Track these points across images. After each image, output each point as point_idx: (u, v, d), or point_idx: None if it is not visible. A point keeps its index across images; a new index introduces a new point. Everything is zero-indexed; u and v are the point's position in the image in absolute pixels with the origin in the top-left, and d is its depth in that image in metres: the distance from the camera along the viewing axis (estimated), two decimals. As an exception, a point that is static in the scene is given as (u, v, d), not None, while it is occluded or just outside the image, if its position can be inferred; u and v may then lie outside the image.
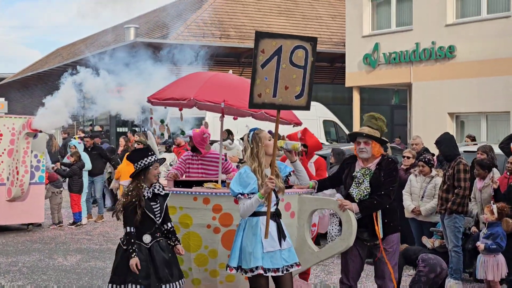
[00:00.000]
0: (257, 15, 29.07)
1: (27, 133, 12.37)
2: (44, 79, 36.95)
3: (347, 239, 6.15)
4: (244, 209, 5.73)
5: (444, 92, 19.00)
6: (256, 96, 5.80)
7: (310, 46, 5.94)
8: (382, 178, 6.27)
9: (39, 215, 13.16)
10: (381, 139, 6.41)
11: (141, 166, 6.21)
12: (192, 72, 8.48)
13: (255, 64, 5.75)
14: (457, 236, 8.85)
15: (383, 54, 20.95)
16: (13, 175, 12.55)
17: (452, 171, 8.86)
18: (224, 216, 6.48)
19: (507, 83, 17.36)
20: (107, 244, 11.95)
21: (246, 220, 5.81)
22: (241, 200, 5.76)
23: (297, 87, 5.96)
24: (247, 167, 5.85)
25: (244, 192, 5.73)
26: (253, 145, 5.92)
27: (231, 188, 5.80)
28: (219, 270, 6.57)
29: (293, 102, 6.00)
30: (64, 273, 9.60)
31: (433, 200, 9.48)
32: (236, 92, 7.43)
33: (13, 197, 12.60)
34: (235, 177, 5.85)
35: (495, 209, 8.18)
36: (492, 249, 8.09)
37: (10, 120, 12.87)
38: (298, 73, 5.91)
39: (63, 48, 45.37)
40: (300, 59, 5.90)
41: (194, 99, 7.37)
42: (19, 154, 12.44)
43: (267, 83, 5.81)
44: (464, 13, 19.02)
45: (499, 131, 17.98)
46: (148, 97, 7.98)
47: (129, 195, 6.18)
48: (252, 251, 5.69)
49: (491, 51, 17.70)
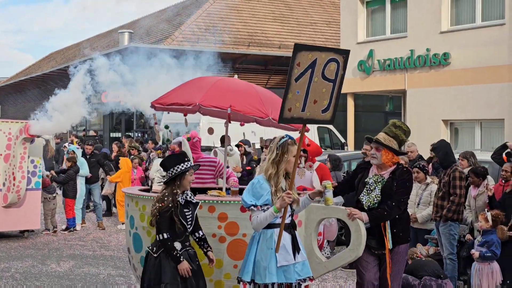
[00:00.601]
0: (251, 21, 29.08)
1: (24, 138, 12.16)
2: (38, 83, 36.86)
3: (356, 249, 5.97)
4: (258, 222, 5.50)
5: (438, 99, 19.02)
6: (287, 110, 5.61)
7: (342, 59, 5.78)
8: (394, 188, 6.11)
9: (35, 222, 12.88)
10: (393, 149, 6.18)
11: (177, 171, 6.06)
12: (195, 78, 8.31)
13: (289, 78, 5.56)
14: (452, 244, 8.84)
15: (377, 60, 20.96)
16: (9, 181, 12.32)
17: (448, 178, 8.86)
18: (230, 225, 6.35)
19: (501, 90, 17.38)
20: (101, 250, 11.88)
21: (260, 233, 5.59)
22: (254, 213, 5.52)
23: (325, 101, 5.81)
24: (261, 177, 5.63)
25: (257, 204, 5.50)
26: (279, 152, 5.63)
27: (243, 199, 5.58)
28: (224, 280, 6.44)
29: (319, 116, 5.83)
30: (57, 279, 9.53)
31: (429, 207, 9.47)
32: (243, 97, 7.28)
33: (9, 203, 12.35)
34: (248, 188, 5.62)
35: (490, 216, 8.18)
36: (487, 256, 8.08)
37: (6, 125, 12.60)
38: (328, 87, 5.76)
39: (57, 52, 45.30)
40: (331, 72, 5.74)
41: (200, 104, 7.18)
42: (15, 159, 12.21)
43: (298, 97, 5.64)
44: (459, 21, 19.05)
45: (493, 138, 17.99)
46: (152, 102, 7.82)
47: (165, 200, 6.01)
48: (267, 266, 5.48)
49: (486, 58, 17.72)
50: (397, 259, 6.23)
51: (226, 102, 7.18)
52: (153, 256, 6.04)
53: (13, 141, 12.36)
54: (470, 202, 9.29)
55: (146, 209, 6.81)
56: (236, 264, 6.37)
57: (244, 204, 5.58)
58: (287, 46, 27.30)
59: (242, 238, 6.40)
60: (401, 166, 6.26)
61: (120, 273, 9.91)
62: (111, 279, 9.53)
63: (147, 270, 6.09)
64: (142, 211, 6.89)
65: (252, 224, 5.55)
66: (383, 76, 20.94)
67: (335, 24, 28.79)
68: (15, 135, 12.30)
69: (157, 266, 5.99)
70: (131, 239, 7.14)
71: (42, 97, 37.93)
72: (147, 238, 6.80)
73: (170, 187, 6.09)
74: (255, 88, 7.66)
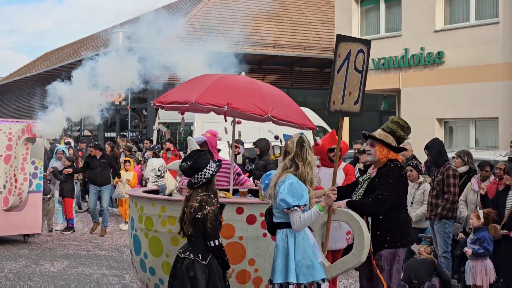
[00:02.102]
0: (246, 20, 29.05)
1: (26, 138, 11.79)
2: (32, 83, 36.76)
3: (359, 254, 5.66)
4: (301, 222, 5.34)
5: (432, 98, 19.03)
6: (332, 103, 5.49)
7: (367, 50, 5.66)
8: (377, 185, 5.80)
9: (36, 226, 12.49)
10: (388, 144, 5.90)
11: (215, 170, 5.73)
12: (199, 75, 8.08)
13: (333, 70, 5.44)
14: (447, 242, 8.87)
15: (372, 59, 20.95)
16: (10, 183, 11.88)
17: (441, 176, 8.88)
18: (225, 227, 6.22)
19: (495, 89, 17.41)
20: (95, 250, 11.86)
21: (294, 234, 5.41)
22: (297, 213, 5.34)
23: (356, 93, 5.68)
24: (294, 177, 5.44)
25: (300, 204, 5.35)
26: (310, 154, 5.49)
27: (284, 199, 5.34)
28: None
29: (352, 108, 5.70)
30: (50, 279, 9.52)
31: (422, 206, 9.48)
32: (243, 94, 7.10)
33: (10, 207, 11.93)
34: (286, 188, 5.36)
35: (482, 214, 8.21)
36: (480, 253, 8.11)
37: (7, 125, 12.18)
38: (358, 78, 5.64)
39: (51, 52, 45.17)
40: (360, 63, 5.63)
41: (196, 102, 7.03)
42: (17, 160, 11.81)
43: (339, 89, 5.52)
44: (453, 19, 19.07)
45: (488, 137, 18.04)
46: (153, 101, 7.72)
47: (213, 202, 5.62)
48: (312, 264, 5.39)
49: (480, 57, 17.75)
50: (382, 265, 5.79)
51: (224, 99, 7.01)
52: (202, 264, 5.61)
53: (14, 141, 11.98)
54: (467, 198, 9.27)
55: (143, 210, 6.78)
56: (233, 268, 6.19)
57: (286, 205, 5.35)
58: (282, 45, 27.29)
59: (238, 241, 6.34)
60: (390, 162, 5.88)
61: (114, 273, 9.90)
62: (104, 279, 9.52)
63: (202, 281, 5.61)
64: (140, 212, 6.85)
65: (295, 224, 5.36)
66: (378, 75, 20.95)
67: (330, 23, 28.78)
68: (16, 135, 11.92)
69: (207, 275, 5.60)
70: (132, 241, 7.08)
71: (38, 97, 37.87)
72: (144, 240, 6.76)
73: (208, 187, 5.72)
74: (257, 84, 7.46)
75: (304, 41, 28.12)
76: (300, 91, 27.92)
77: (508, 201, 8.26)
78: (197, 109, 7.83)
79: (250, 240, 6.36)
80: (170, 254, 6.46)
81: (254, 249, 6.35)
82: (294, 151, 5.47)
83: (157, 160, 14.68)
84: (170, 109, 7.79)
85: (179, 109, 7.62)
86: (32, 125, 11.72)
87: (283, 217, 5.47)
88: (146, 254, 6.75)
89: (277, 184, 5.48)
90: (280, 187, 5.43)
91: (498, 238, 8.16)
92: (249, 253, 6.35)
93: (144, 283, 7.00)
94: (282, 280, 5.40)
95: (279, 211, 5.47)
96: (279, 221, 5.50)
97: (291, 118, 7.18)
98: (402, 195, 5.95)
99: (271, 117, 7.05)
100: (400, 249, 5.85)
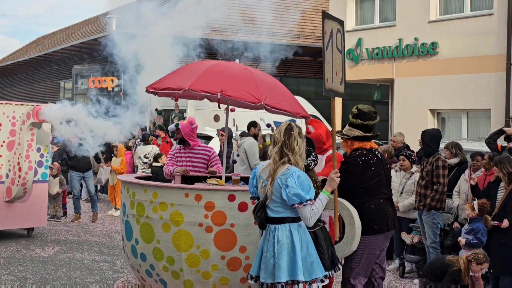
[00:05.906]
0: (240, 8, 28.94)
1: (32, 123, 10.58)
2: (25, 68, 36.59)
3: (350, 243, 5.66)
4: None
5: (426, 88, 19.07)
6: (325, 81, 5.40)
7: (342, 30, 5.60)
8: None
9: (41, 219, 11.45)
10: (347, 136, 5.90)
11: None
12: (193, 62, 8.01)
13: (323, 47, 5.37)
14: (435, 232, 8.90)
15: (366, 49, 20.96)
16: (14, 172, 10.77)
17: (430, 167, 8.89)
18: (217, 214, 6.24)
19: (488, 80, 17.44)
20: (85, 235, 11.86)
21: (297, 228, 5.22)
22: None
23: (340, 73, 5.60)
24: (297, 168, 5.18)
25: (312, 198, 5.13)
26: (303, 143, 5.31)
27: (298, 194, 5.07)
28: (211, 272, 6.32)
29: (339, 89, 5.61)
30: (41, 264, 9.51)
31: (412, 196, 9.48)
32: (236, 82, 7.00)
33: (13, 198, 10.89)
34: (294, 182, 5.09)
35: (476, 205, 8.25)
36: (473, 244, 8.16)
37: (10, 108, 10.92)
38: (340, 58, 5.57)
39: (44, 37, 44.91)
40: (340, 43, 5.57)
41: (190, 89, 6.92)
42: (22, 147, 10.62)
43: (329, 68, 5.45)
44: (448, 10, 19.09)
45: (480, 128, 18.08)
46: (147, 87, 7.69)
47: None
48: (315, 260, 5.23)
49: (474, 48, 17.77)
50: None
51: (217, 86, 6.90)
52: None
53: (18, 126, 10.83)
54: (460, 188, 9.28)
55: (135, 196, 6.76)
56: (224, 255, 6.28)
57: (300, 199, 5.09)
58: (276, 33, 27.21)
59: (230, 228, 6.31)
60: (353, 152, 5.89)
61: (104, 259, 9.90)
62: (95, 265, 9.52)
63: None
64: (132, 198, 6.83)
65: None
66: (371, 65, 20.96)
67: (324, 12, 28.71)
68: (21, 119, 10.80)
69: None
70: (123, 227, 7.07)
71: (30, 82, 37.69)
72: (136, 226, 6.75)
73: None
74: (251, 72, 7.35)
75: (298, 30, 28.08)
76: (293, 80, 27.91)
77: (499, 193, 8.28)
78: (190, 96, 7.77)
79: (242, 227, 6.33)
80: (161, 240, 6.47)
81: (245, 236, 6.32)
82: (282, 140, 5.22)
83: (146, 147, 14.65)
84: (163, 96, 7.72)
85: (173, 96, 7.56)
86: (39, 108, 10.51)
87: (285, 211, 5.21)
88: (137, 240, 6.74)
89: (277, 178, 5.18)
90: (283, 180, 5.14)
91: (489, 228, 8.19)
92: (240, 241, 6.33)
93: (135, 269, 7.00)
94: (287, 278, 5.12)
95: (279, 205, 5.20)
96: (280, 215, 5.22)
97: (285, 106, 7.12)
98: (362, 183, 5.83)
99: (265, 105, 6.97)
100: (365, 236, 5.77)
